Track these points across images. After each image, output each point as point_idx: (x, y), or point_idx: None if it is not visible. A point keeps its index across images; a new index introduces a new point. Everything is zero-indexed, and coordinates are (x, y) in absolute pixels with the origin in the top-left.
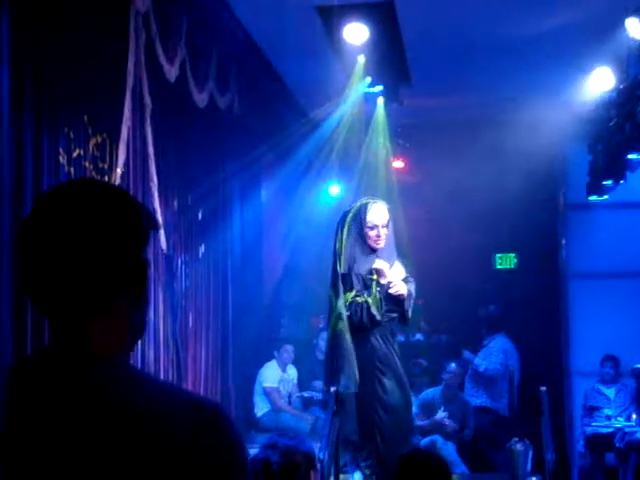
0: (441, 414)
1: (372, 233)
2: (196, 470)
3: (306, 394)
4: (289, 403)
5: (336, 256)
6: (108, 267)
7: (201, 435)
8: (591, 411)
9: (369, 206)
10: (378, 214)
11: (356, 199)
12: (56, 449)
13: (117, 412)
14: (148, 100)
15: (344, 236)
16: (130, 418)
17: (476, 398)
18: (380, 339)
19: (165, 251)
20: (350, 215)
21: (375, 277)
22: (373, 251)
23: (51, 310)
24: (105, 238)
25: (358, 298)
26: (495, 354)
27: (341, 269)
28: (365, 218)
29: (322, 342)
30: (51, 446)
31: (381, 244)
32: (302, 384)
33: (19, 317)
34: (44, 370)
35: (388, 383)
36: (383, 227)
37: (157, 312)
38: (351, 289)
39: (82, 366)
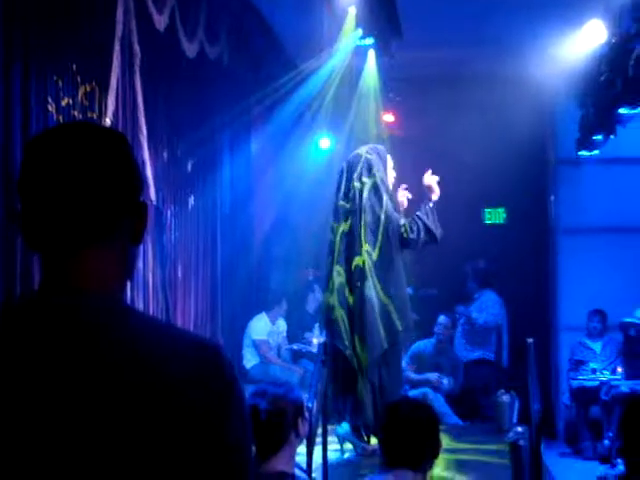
0: (434, 375)
1: (391, 174)
2: (202, 408)
3: (295, 346)
4: (278, 355)
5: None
6: (109, 195)
7: (205, 374)
8: (577, 365)
9: (384, 149)
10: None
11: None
12: (53, 392)
13: (117, 351)
14: (137, 49)
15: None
16: (132, 357)
17: (471, 352)
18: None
19: (154, 203)
20: (374, 157)
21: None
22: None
23: (46, 243)
24: (107, 170)
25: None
26: (491, 306)
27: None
28: (386, 159)
29: (317, 294)
30: (48, 389)
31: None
32: (291, 337)
33: (8, 259)
34: (33, 307)
35: None
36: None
37: (146, 264)
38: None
39: (76, 300)
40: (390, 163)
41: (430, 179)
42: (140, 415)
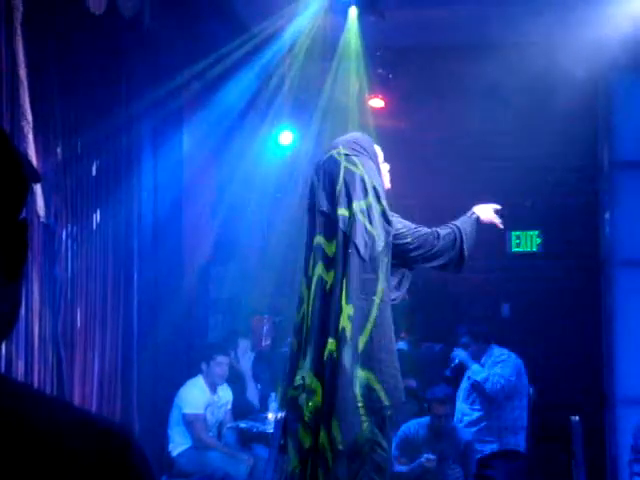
0: (429, 457)
1: (384, 169)
2: None
3: (243, 424)
4: (219, 437)
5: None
6: None
7: (108, 473)
8: None
9: (372, 141)
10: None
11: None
12: None
13: None
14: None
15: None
16: (8, 445)
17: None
18: None
19: (43, 219)
20: (359, 163)
21: None
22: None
23: None
24: None
25: None
26: (505, 363)
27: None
28: (376, 154)
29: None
30: None
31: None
32: (238, 410)
33: None
34: None
35: None
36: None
37: (30, 306)
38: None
39: None
40: (381, 156)
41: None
42: None
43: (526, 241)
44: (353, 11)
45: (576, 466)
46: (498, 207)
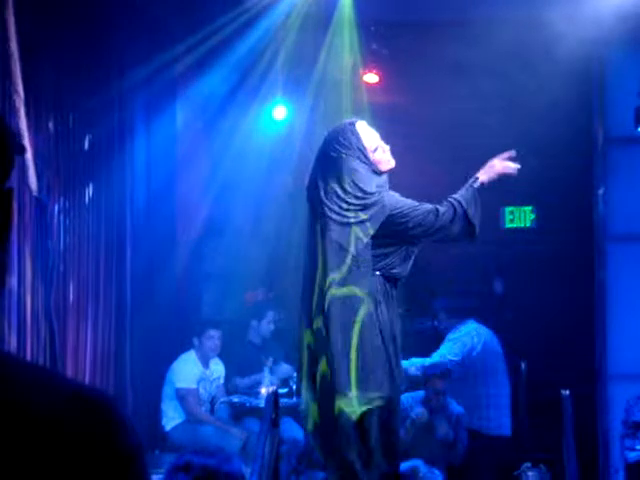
0: (418, 412)
1: (379, 156)
2: None
3: (236, 399)
4: (212, 412)
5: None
6: None
7: (89, 439)
8: (636, 429)
9: (355, 130)
10: (369, 131)
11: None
12: None
13: None
14: None
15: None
16: None
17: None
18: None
19: (35, 193)
20: (346, 158)
21: None
22: (380, 174)
23: None
24: None
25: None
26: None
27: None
28: (362, 145)
29: (266, 324)
30: None
31: (393, 160)
32: (232, 385)
33: None
34: None
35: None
36: (381, 141)
37: (22, 280)
38: None
39: None
40: (375, 140)
41: (504, 164)
42: None
43: (520, 216)
44: None
45: (566, 440)
46: (505, 156)
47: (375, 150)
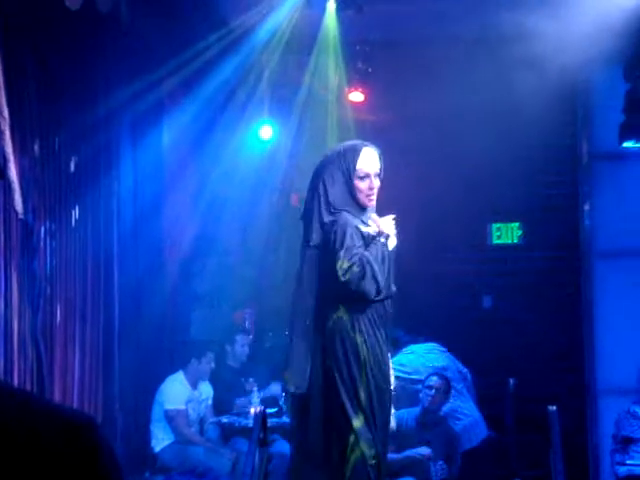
0: (424, 450)
1: (363, 185)
2: None
3: (225, 419)
4: (201, 432)
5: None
6: None
7: (69, 464)
8: (625, 444)
9: (359, 150)
10: (370, 160)
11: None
12: None
13: None
14: None
15: (327, 188)
16: None
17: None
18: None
19: (21, 215)
20: (334, 164)
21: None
22: (362, 209)
23: None
24: None
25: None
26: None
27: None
28: (354, 165)
29: (239, 347)
30: None
31: (373, 200)
32: (220, 406)
33: None
34: None
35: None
36: (376, 177)
37: (9, 302)
38: None
39: None
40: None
41: (386, 224)
42: None
43: (507, 233)
44: (331, 5)
45: (554, 456)
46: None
47: (362, 177)
